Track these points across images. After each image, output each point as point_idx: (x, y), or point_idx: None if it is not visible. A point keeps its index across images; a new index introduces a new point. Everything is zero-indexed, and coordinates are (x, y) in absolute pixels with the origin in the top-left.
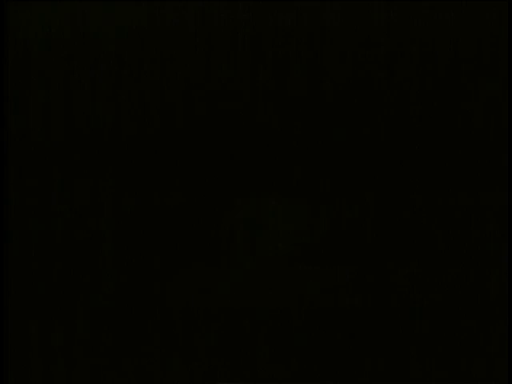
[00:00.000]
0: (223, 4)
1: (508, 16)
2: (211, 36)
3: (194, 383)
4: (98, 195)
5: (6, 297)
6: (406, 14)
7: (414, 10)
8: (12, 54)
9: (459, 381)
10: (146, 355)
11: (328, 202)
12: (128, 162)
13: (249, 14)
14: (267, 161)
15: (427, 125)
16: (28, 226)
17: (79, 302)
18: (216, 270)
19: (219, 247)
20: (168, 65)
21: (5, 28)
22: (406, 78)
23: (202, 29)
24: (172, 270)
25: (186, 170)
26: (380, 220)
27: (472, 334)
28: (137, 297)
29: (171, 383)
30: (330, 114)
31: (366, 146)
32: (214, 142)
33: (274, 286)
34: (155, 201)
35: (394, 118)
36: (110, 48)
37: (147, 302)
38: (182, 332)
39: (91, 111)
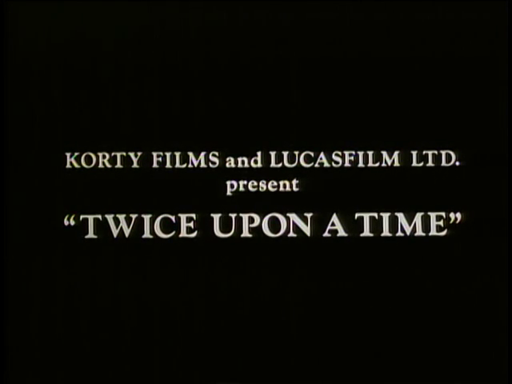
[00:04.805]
0: None
1: (508, 16)
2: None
3: (194, 383)
4: None
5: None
6: (406, 14)
7: (413, 10)
8: (12, 54)
9: (459, 381)
10: (147, 356)
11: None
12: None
13: None
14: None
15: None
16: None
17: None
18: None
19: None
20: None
21: (5, 28)
22: (404, 82)
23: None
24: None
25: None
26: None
27: (472, 334)
28: (136, 296)
29: (171, 383)
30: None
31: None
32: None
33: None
34: None
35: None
36: (110, 48)
37: (147, 300)
38: (182, 332)
39: (90, 111)
